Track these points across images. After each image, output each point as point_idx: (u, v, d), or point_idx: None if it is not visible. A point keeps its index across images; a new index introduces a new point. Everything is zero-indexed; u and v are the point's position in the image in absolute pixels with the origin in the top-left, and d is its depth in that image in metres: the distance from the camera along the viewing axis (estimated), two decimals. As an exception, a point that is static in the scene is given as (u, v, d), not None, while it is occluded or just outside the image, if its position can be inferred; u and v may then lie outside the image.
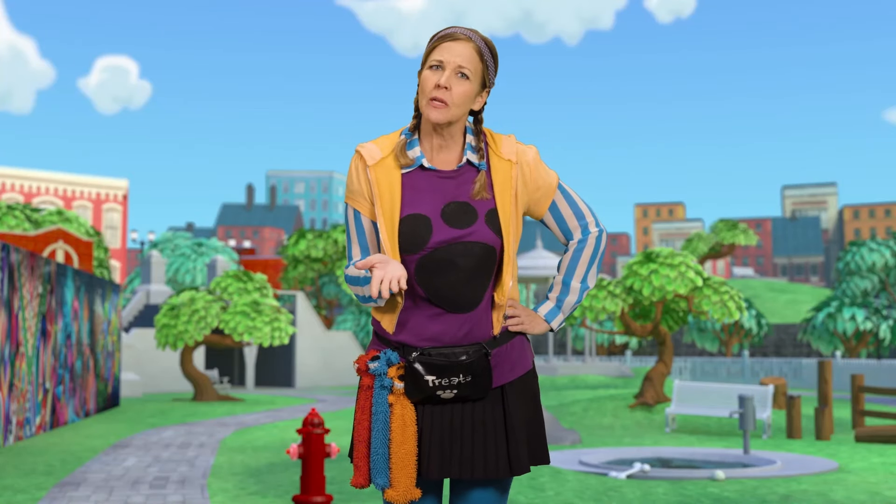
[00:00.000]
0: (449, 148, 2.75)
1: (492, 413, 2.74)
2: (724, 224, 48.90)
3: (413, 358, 2.66)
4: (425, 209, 2.70)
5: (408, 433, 2.65)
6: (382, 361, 2.69)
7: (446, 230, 2.68)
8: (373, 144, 2.76)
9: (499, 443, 2.72)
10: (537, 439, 2.81)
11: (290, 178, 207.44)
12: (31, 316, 14.29)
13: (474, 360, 2.66)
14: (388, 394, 2.68)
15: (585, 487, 9.32)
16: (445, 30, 2.71)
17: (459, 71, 2.67)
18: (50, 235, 27.45)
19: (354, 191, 2.76)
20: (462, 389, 2.67)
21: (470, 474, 2.69)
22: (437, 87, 2.66)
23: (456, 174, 2.74)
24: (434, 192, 2.72)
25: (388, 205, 2.70)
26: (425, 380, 2.65)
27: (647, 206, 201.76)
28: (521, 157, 2.78)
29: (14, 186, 76.03)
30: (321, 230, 42.06)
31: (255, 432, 15.63)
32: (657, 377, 18.22)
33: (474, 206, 2.72)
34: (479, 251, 2.69)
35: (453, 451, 2.69)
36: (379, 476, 2.65)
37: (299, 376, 35.12)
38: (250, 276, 25.53)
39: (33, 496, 8.69)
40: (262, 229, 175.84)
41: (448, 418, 2.71)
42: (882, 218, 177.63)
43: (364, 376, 2.72)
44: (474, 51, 2.69)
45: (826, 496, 8.88)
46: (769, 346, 57.21)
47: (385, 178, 2.72)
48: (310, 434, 7.04)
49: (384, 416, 2.67)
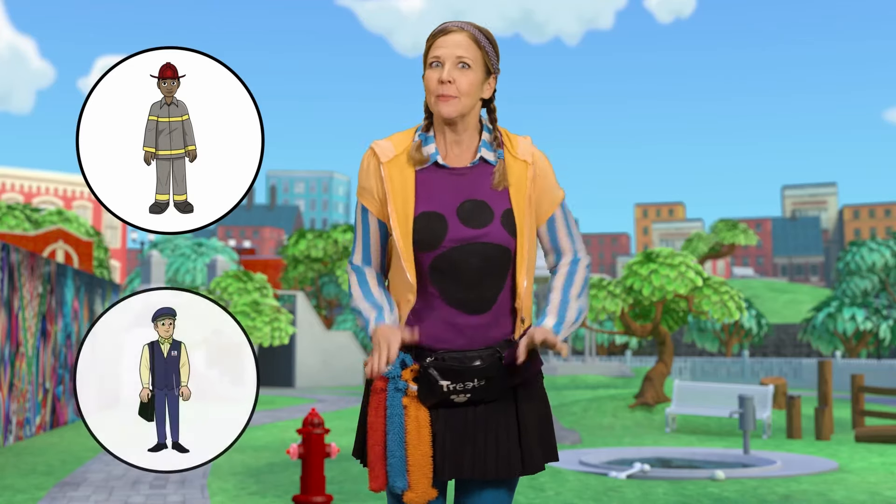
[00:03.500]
0: (463, 144, 2.72)
1: (504, 413, 2.72)
2: (724, 224, 48.89)
3: (427, 363, 2.64)
4: (441, 207, 2.66)
5: (423, 435, 2.63)
6: (396, 364, 2.66)
7: (462, 229, 2.65)
8: (387, 142, 2.73)
9: (511, 442, 2.71)
10: (548, 437, 2.79)
11: (290, 178, 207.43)
12: (31, 316, 14.29)
13: (488, 365, 2.64)
14: (403, 396, 2.65)
15: (585, 487, 9.32)
16: (438, 27, 2.70)
17: (459, 62, 2.64)
18: (50, 235, 27.45)
19: (365, 187, 2.73)
20: (476, 393, 2.66)
21: (483, 474, 2.67)
22: (440, 83, 2.63)
23: (470, 171, 2.71)
24: (449, 189, 2.69)
25: (401, 203, 2.67)
26: (440, 385, 2.63)
27: (647, 206, 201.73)
28: (537, 160, 2.75)
29: (14, 186, 76.03)
30: (321, 230, 42.05)
31: (255, 432, 15.63)
32: (657, 377, 18.22)
33: (491, 204, 2.68)
34: (494, 252, 2.66)
35: (465, 451, 2.68)
36: (398, 479, 2.63)
37: (299, 376, 35.12)
38: (250, 276, 25.54)
39: (33, 496, 8.69)
40: (262, 229, 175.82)
41: (461, 419, 2.69)
42: (882, 218, 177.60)
43: (377, 379, 2.69)
44: (470, 39, 2.66)
45: (826, 496, 8.88)
46: (769, 346, 57.21)
47: (398, 176, 2.69)
48: (310, 434, 7.04)
49: (399, 419, 2.64)
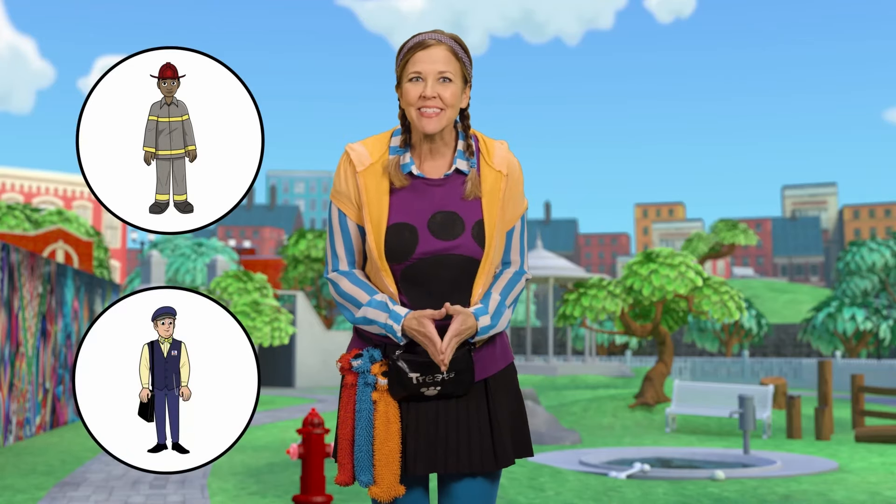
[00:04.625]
0: (439, 153, 2.72)
1: (476, 407, 2.74)
2: (724, 224, 48.86)
3: (397, 356, 2.66)
4: (412, 219, 2.67)
5: (391, 430, 2.65)
6: (366, 358, 2.69)
7: (432, 241, 2.66)
8: (362, 147, 2.73)
9: (483, 436, 2.72)
10: (521, 432, 2.81)
11: (290, 178, 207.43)
12: (31, 316, 14.29)
13: (457, 357, 2.66)
14: (372, 391, 2.68)
15: (585, 487, 9.32)
16: (412, 40, 2.68)
17: (441, 76, 2.65)
18: (50, 235, 27.45)
19: (342, 192, 2.73)
20: (445, 387, 2.67)
21: (456, 468, 2.69)
22: (423, 98, 2.63)
23: (444, 182, 2.71)
24: (422, 200, 2.69)
25: (375, 212, 2.68)
26: (409, 377, 2.65)
27: (647, 206, 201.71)
28: (512, 170, 2.75)
29: (14, 186, 76.03)
30: (321, 230, 42.06)
31: (255, 432, 15.63)
32: (657, 377, 18.21)
33: (462, 216, 2.69)
34: (463, 263, 2.68)
35: (438, 446, 2.69)
36: (363, 473, 2.66)
37: (299, 376, 35.12)
38: (250, 276, 25.54)
39: (33, 496, 8.68)
40: (262, 229, 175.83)
41: (433, 414, 2.71)
42: (882, 218, 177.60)
43: (347, 374, 2.72)
44: (449, 52, 2.66)
45: (826, 496, 8.88)
46: (769, 346, 57.21)
47: (374, 185, 2.69)
48: (310, 434, 7.04)
49: (368, 414, 2.67)
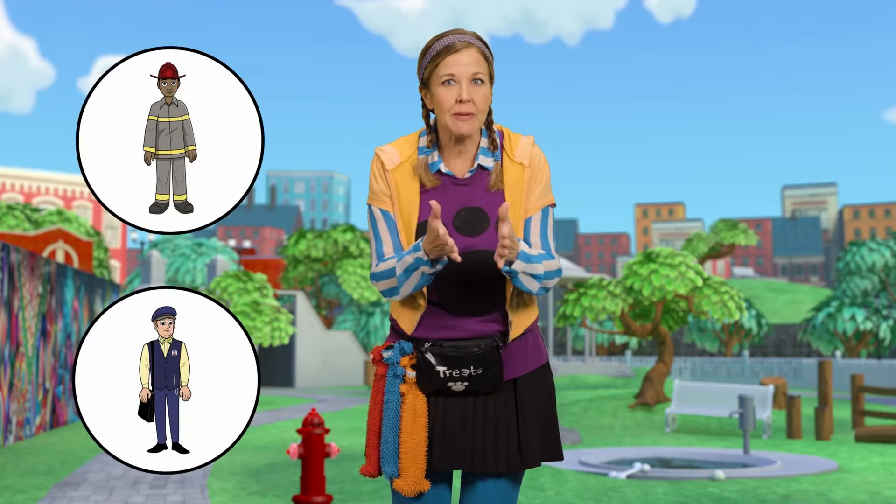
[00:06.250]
0: (467, 151, 2.75)
1: (504, 406, 2.74)
2: (724, 224, 48.87)
3: (425, 348, 2.67)
4: (440, 216, 2.68)
5: (418, 423, 2.65)
6: (396, 350, 2.71)
7: (458, 239, 2.69)
8: (391, 148, 2.76)
9: (510, 436, 2.71)
10: (550, 434, 2.79)
11: (290, 178, 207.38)
12: (31, 316, 14.29)
13: (486, 353, 2.66)
14: (401, 383, 2.68)
15: (585, 487, 9.32)
16: (440, 41, 2.69)
17: (474, 78, 2.67)
18: (50, 235, 27.45)
19: (378, 191, 2.76)
20: (473, 382, 2.67)
21: (481, 468, 2.68)
22: (459, 103, 2.65)
23: (470, 179, 2.73)
24: (449, 198, 2.72)
25: (406, 210, 2.71)
26: (436, 370, 2.65)
27: (647, 206, 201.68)
28: (534, 162, 2.76)
29: (14, 186, 76.02)
30: (321, 230, 42.04)
31: (255, 432, 15.63)
32: (657, 377, 18.21)
33: (487, 211, 2.71)
34: (490, 258, 2.69)
35: (465, 443, 2.69)
36: (388, 465, 2.66)
37: (299, 376, 35.12)
38: (250, 276, 25.54)
39: (33, 496, 8.68)
40: (262, 229, 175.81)
41: (461, 410, 2.71)
42: (882, 218, 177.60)
43: (378, 365, 2.74)
44: (479, 54, 2.69)
45: (826, 496, 8.88)
46: (769, 346, 57.21)
47: (404, 184, 2.72)
48: (310, 434, 7.04)
49: (395, 406, 2.67)
